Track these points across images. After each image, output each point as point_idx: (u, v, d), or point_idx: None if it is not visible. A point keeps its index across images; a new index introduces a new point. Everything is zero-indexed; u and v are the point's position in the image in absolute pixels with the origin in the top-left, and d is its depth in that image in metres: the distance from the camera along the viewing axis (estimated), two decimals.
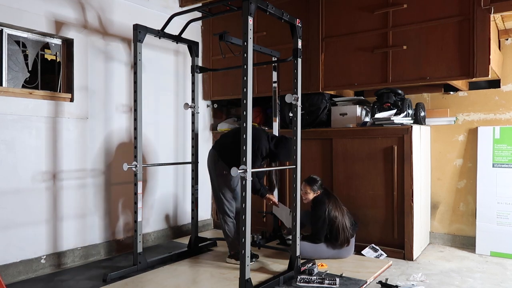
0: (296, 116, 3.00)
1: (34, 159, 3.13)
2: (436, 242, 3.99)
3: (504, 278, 3.03)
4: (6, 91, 3.02)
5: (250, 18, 2.50)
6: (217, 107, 4.82)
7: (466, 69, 3.21)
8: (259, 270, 3.12)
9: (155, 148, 4.07)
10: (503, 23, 3.52)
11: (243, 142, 2.50)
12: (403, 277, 3.04)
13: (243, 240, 2.50)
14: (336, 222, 3.31)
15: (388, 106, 3.71)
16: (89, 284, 2.90)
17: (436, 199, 4.00)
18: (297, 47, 3.01)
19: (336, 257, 3.37)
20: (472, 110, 3.86)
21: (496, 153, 3.67)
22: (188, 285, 2.89)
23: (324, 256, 3.35)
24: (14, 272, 2.99)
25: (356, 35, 3.70)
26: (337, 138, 3.82)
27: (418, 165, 3.57)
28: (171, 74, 4.28)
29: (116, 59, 3.71)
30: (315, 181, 3.47)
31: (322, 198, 3.40)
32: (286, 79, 3.99)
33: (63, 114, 3.31)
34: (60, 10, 3.30)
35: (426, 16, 3.36)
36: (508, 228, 3.55)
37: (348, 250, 3.42)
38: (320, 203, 3.37)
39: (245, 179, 2.48)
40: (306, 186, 3.47)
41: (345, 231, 3.32)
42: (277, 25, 3.53)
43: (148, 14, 3.95)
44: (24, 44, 3.22)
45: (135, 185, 3.16)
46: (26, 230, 3.08)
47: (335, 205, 3.37)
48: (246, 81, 2.50)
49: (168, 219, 4.25)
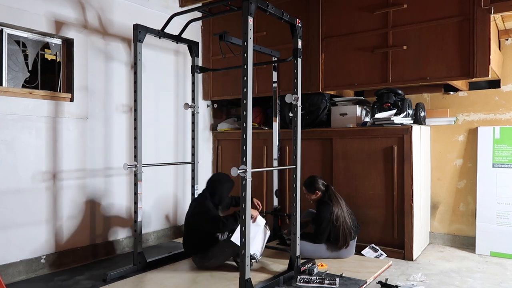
0: (296, 116, 3.00)
1: (34, 159, 3.13)
2: (436, 242, 3.99)
3: (504, 278, 3.03)
4: (6, 91, 3.02)
5: (250, 18, 2.49)
6: (217, 107, 4.82)
7: (466, 69, 3.21)
8: (259, 270, 3.11)
9: (155, 148, 4.06)
10: (503, 23, 3.52)
11: (243, 142, 2.50)
12: (403, 277, 3.04)
13: (243, 240, 2.50)
14: (337, 225, 3.31)
15: (388, 106, 3.71)
16: (89, 284, 2.90)
17: (436, 199, 4.00)
18: (297, 47, 3.01)
19: (335, 257, 3.38)
20: (472, 110, 3.86)
21: (496, 153, 3.67)
22: (188, 285, 2.88)
23: (324, 256, 3.36)
24: (14, 272, 2.99)
25: (356, 35, 3.70)
26: (337, 138, 3.82)
27: (418, 165, 3.57)
28: (171, 74, 4.28)
29: (116, 59, 3.71)
30: (313, 183, 3.48)
31: (326, 200, 3.40)
32: (286, 79, 3.99)
33: (63, 114, 3.31)
34: (60, 10, 3.30)
35: (426, 16, 3.36)
36: (508, 228, 3.55)
37: (349, 251, 3.42)
38: (325, 205, 3.37)
39: (245, 179, 2.48)
40: (305, 190, 3.50)
41: (346, 234, 3.32)
42: (277, 25, 3.53)
43: (148, 14, 3.95)
44: (24, 44, 3.22)
45: (135, 185, 3.16)
46: (26, 230, 3.08)
47: (339, 207, 3.37)
48: (246, 81, 2.50)
49: (168, 219, 4.25)
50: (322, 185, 3.47)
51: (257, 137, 4.24)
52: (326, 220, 3.31)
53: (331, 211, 3.32)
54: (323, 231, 3.33)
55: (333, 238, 3.35)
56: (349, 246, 3.38)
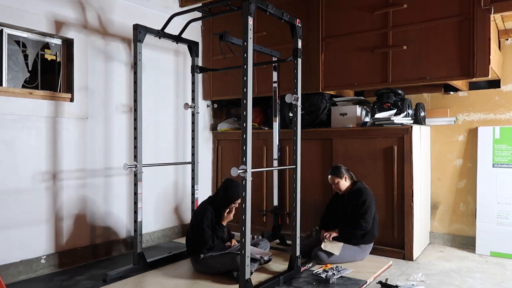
0: (296, 116, 3.01)
1: (34, 159, 3.13)
2: (436, 242, 3.99)
3: (504, 278, 3.03)
4: (6, 91, 3.02)
5: (250, 18, 2.49)
6: (217, 107, 4.82)
7: (466, 69, 3.21)
8: (259, 270, 3.11)
9: (155, 148, 4.06)
10: (503, 23, 3.52)
11: (243, 142, 2.50)
12: (403, 277, 3.04)
13: (243, 240, 2.50)
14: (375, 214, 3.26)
15: (388, 106, 3.71)
16: (89, 284, 2.90)
17: (436, 199, 4.00)
18: (297, 47, 3.02)
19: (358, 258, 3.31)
20: (472, 110, 3.86)
21: (496, 153, 3.67)
22: (188, 285, 2.88)
23: (357, 259, 3.29)
24: (14, 272, 2.99)
25: (356, 35, 3.70)
26: (337, 138, 3.82)
27: (418, 165, 3.57)
28: (171, 74, 4.28)
29: (116, 59, 3.71)
30: (338, 167, 3.37)
31: (362, 185, 3.31)
32: (286, 79, 3.99)
33: (63, 114, 3.31)
34: (60, 10, 3.29)
35: (426, 16, 3.35)
36: (508, 228, 3.55)
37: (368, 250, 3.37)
38: (366, 190, 3.27)
39: (245, 179, 2.48)
40: (333, 178, 3.36)
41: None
42: (277, 25, 3.53)
43: (148, 14, 3.95)
44: (24, 44, 3.22)
45: (135, 185, 3.16)
46: (26, 230, 3.08)
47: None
48: (246, 81, 2.50)
49: (168, 219, 4.25)
50: (347, 170, 3.40)
51: (257, 137, 4.24)
52: (373, 208, 3.21)
53: (373, 197, 3.24)
54: (373, 222, 3.22)
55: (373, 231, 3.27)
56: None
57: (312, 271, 3.06)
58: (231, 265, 2.94)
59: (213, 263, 3.03)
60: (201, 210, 3.14)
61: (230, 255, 3.01)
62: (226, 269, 2.99)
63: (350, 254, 3.25)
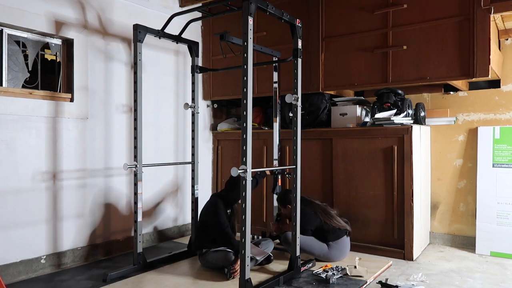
0: (296, 116, 3.01)
1: (34, 159, 3.13)
2: (436, 242, 3.99)
3: (504, 278, 3.03)
4: (6, 91, 3.02)
5: (250, 18, 2.50)
6: (217, 107, 4.82)
7: (466, 69, 3.21)
8: (259, 270, 3.11)
9: (155, 148, 4.06)
10: (503, 23, 3.52)
11: (243, 142, 2.50)
12: (403, 277, 3.04)
13: (243, 240, 2.50)
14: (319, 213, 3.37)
15: (388, 106, 3.71)
16: (89, 284, 2.90)
17: (436, 199, 4.00)
18: (297, 47, 3.02)
19: (327, 257, 3.32)
20: (472, 110, 3.86)
21: (496, 153, 3.67)
22: (188, 285, 2.89)
23: (316, 252, 3.31)
24: (14, 272, 2.99)
25: (356, 35, 3.70)
26: (337, 138, 3.82)
27: (418, 165, 3.57)
28: (171, 74, 4.28)
29: (116, 59, 3.71)
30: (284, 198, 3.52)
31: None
32: (286, 79, 3.99)
33: (63, 114, 3.31)
34: (60, 10, 3.30)
35: (426, 16, 3.36)
36: (508, 228, 3.55)
37: (342, 251, 3.36)
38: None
39: (245, 179, 2.48)
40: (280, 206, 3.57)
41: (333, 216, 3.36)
42: (277, 25, 3.53)
43: (148, 14, 3.95)
44: (24, 44, 3.22)
45: (135, 185, 3.16)
46: (26, 230, 3.08)
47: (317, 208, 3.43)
48: (246, 81, 2.50)
49: (168, 219, 4.25)
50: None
51: (257, 137, 4.24)
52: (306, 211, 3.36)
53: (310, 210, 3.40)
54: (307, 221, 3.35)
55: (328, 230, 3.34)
56: (340, 243, 3.34)
57: (312, 271, 3.07)
58: (224, 261, 3.04)
59: (210, 258, 3.14)
60: (212, 204, 3.29)
61: (224, 251, 3.10)
62: (220, 265, 3.08)
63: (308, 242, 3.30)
